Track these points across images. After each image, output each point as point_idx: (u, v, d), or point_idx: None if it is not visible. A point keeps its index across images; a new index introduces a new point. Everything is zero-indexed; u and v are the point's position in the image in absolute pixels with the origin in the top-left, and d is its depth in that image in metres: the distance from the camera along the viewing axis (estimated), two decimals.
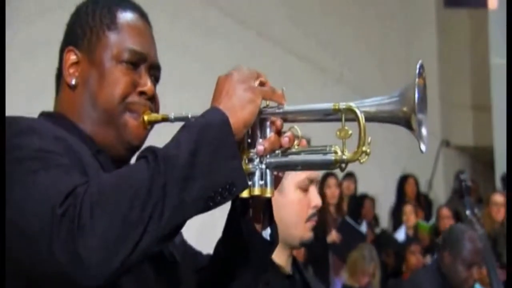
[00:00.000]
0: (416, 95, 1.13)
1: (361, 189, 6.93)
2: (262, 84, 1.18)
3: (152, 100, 1.30)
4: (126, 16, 1.30)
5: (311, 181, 1.95)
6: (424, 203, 7.52)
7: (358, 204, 6.65)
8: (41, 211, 1.02)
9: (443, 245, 3.44)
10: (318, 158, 1.18)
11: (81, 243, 0.99)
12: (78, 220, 1.00)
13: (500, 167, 7.45)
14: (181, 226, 1.08)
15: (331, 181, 5.83)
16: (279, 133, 1.19)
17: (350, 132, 1.14)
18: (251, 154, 1.17)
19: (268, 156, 1.17)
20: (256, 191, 1.17)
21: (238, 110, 1.12)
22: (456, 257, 3.29)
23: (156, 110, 1.31)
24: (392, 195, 7.74)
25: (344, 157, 1.15)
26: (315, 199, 1.94)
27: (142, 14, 1.33)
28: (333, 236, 5.52)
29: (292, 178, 1.92)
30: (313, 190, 1.95)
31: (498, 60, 7.62)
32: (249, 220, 1.25)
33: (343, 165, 1.16)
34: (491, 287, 3.79)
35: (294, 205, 1.92)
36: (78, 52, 1.29)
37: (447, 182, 8.33)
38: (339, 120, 1.16)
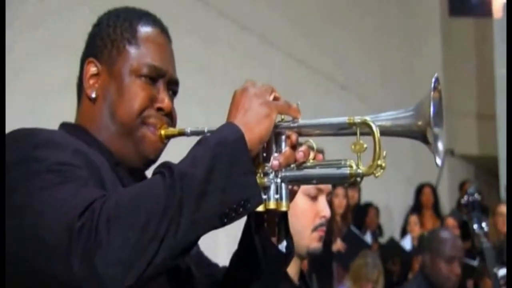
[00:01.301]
0: (432, 109, 1.13)
1: (365, 198, 6.92)
2: (276, 99, 1.19)
3: (169, 116, 1.32)
4: (147, 31, 1.32)
5: (320, 190, 1.94)
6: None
7: (362, 213, 6.64)
8: (59, 225, 1.03)
9: (424, 251, 3.50)
10: (333, 172, 1.18)
11: (98, 258, 1.01)
12: (95, 234, 1.01)
13: (505, 176, 7.42)
14: (196, 241, 1.09)
15: (339, 190, 5.82)
16: (294, 147, 1.19)
17: (365, 146, 1.14)
18: (266, 168, 1.18)
19: (283, 170, 1.18)
20: (272, 205, 1.17)
21: (254, 125, 1.13)
22: (436, 256, 3.34)
23: (173, 124, 1.33)
24: (396, 204, 7.72)
25: (359, 171, 1.15)
26: (324, 209, 1.93)
27: (162, 29, 1.35)
28: (338, 245, 5.51)
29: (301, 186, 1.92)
30: (322, 200, 1.94)
31: (503, 70, 7.60)
32: (264, 233, 1.25)
33: (358, 179, 1.16)
34: None
35: (301, 213, 1.92)
36: (98, 64, 1.31)
37: (451, 191, 8.31)
38: (354, 134, 1.16)
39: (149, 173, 1.25)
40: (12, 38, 4.48)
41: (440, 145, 1.16)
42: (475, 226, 3.90)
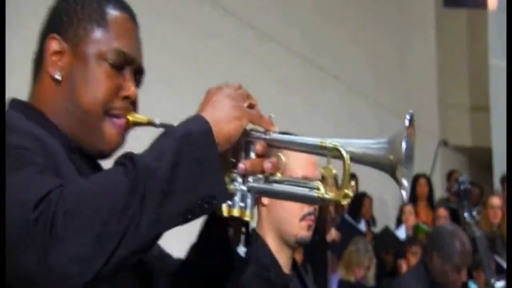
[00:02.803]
0: (404, 146, 1.12)
1: (361, 189, 6.95)
2: (251, 106, 1.15)
3: (134, 105, 1.27)
4: (116, 15, 1.26)
5: (307, 179, 1.94)
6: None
7: (358, 202, 6.67)
8: (14, 215, 0.98)
9: (431, 246, 3.42)
10: (301, 193, 1.17)
11: (54, 254, 0.96)
12: (50, 228, 0.96)
13: (498, 168, 7.48)
14: (159, 238, 1.04)
15: (331, 181, 5.83)
16: (262, 156, 1.17)
17: (334, 171, 1.14)
18: (234, 174, 1.15)
19: (251, 180, 1.16)
20: (236, 212, 1.15)
21: (223, 123, 1.09)
22: (446, 260, 3.26)
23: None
24: (389, 195, 7.76)
25: (327, 196, 1.14)
26: None
27: (132, 15, 1.29)
28: (332, 234, 5.53)
29: (287, 175, 1.91)
30: None
31: (497, 61, 7.65)
32: (225, 234, 1.23)
33: (324, 203, 1.16)
34: None
35: (288, 202, 1.89)
36: (62, 42, 1.23)
37: (444, 182, 8.36)
38: (326, 155, 1.15)
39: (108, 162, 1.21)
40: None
41: (406, 183, 1.16)
42: (466, 215, 3.92)
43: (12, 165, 1.02)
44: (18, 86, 1.33)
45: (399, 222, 6.92)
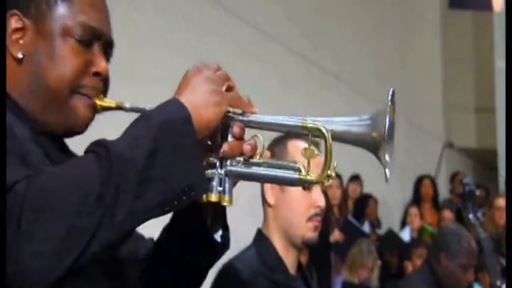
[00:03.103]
0: (387, 122, 1.10)
1: (366, 190, 6.93)
2: (230, 88, 1.12)
3: (105, 82, 1.19)
4: None
5: None
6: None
7: (362, 204, 6.64)
8: None
9: (437, 246, 3.42)
10: (281, 175, 1.14)
11: (21, 249, 0.91)
12: (18, 223, 0.91)
13: (503, 169, 7.44)
14: (133, 230, 1.00)
15: (333, 181, 5.81)
16: (240, 139, 1.12)
17: (316, 152, 1.10)
18: (211, 158, 1.12)
19: (229, 163, 1.12)
20: (213, 198, 1.11)
21: (202, 109, 1.05)
22: (453, 260, 3.27)
23: (106, 91, 1.20)
24: (393, 196, 7.73)
25: (309, 177, 1.11)
26: (319, 199, 1.93)
27: None
28: (336, 235, 5.52)
29: None
30: (317, 190, 1.94)
31: (502, 63, 7.61)
32: (200, 217, 1.18)
33: (306, 185, 1.13)
34: None
35: (295, 203, 1.92)
36: (24, 18, 1.14)
37: (449, 183, 8.33)
38: (307, 135, 1.11)
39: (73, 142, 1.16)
40: None
41: (389, 160, 1.14)
42: (471, 216, 3.91)
43: None
44: None
45: (403, 224, 6.89)
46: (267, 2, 6.82)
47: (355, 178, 6.71)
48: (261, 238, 1.95)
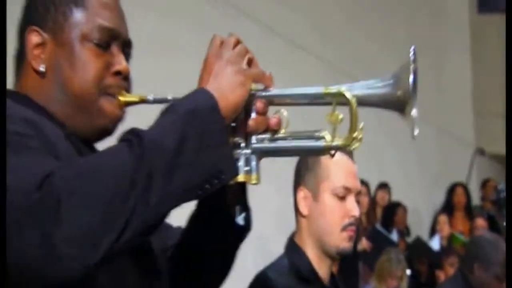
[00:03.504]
0: (411, 79, 1.09)
1: (394, 198, 6.88)
2: (250, 61, 1.12)
3: (127, 80, 1.21)
4: None
5: (348, 189, 1.93)
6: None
7: (391, 212, 6.59)
8: (13, 199, 0.93)
9: (471, 256, 3.36)
10: (307, 144, 1.13)
11: (58, 236, 0.91)
12: (55, 210, 0.92)
13: None
14: (167, 215, 1.01)
15: (361, 189, 5.79)
16: (264, 114, 1.13)
17: (340, 116, 1.09)
18: (236, 138, 1.12)
19: (254, 141, 1.12)
20: (241, 178, 1.11)
21: (228, 93, 1.06)
22: (488, 270, 3.22)
23: (130, 89, 1.22)
24: (423, 204, 7.65)
25: (334, 143, 1.11)
26: (353, 209, 1.92)
27: None
28: (363, 244, 5.49)
29: (327, 185, 1.92)
30: (351, 199, 1.93)
31: None
32: (223, 201, 1.19)
33: (333, 152, 1.12)
34: None
35: (329, 212, 1.91)
36: (42, 33, 1.18)
37: (480, 190, 8.22)
38: (330, 104, 1.10)
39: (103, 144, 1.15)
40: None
41: (415, 114, 1.11)
42: (505, 224, 3.85)
43: (8, 151, 0.97)
44: None
45: (433, 232, 6.81)
46: (295, 11, 6.80)
47: (384, 186, 6.68)
48: (294, 247, 1.94)
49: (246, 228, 1.23)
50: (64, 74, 1.16)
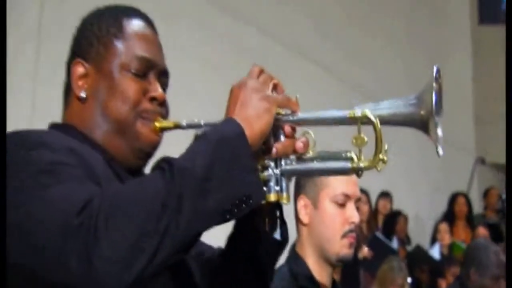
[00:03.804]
0: (434, 98, 1.12)
1: (396, 207, 6.89)
2: (275, 87, 1.17)
3: (163, 106, 1.29)
4: (132, 24, 1.29)
5: (347, 196, 1.95)
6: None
7: (392, 221, 6.60)
8: (56, 223, 1.01)
9: (467, 263, 3.43)
10: (334, 165, 1.18)
11: (96, 255, 0.98)
12: (94, 231, 0.99)
13: None
14: (198, 237, 1.07)
15: (361, 197, 5.81)
16: (291, 138, 1.18)
17: (366, 140, 1.13)
18: (266, 161, 1.17)
19: (283, 162, 1.17)
20: (272, 197, 1.16)
21: (254, 121, 1.11)
22: (483, 274, 3.28)
23: (167, 116, 1.30)
24: (425, 213, 7.66)
25: (361, 164, 1.14)
26: (353, 216, 1.94)
27: (148, 22, 1.33)
28: (364, 252, 5.50)
29: (327, 193, 1.94)
30: (351, 206, 1.95)
31: None
32: (259, 219, 1.24)
33: (360, 172, 1.15)
34: None
35: (329, 219, 1.93)
36: (86, 64, 1.28)
37: (482, 199, 8.23)
38: (355, 124, 1.14)
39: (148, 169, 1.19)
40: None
41: (440, 134, 1.14)
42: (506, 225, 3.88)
43: (51, 180, 1.05)
44: None
45: (433, 240, 6.82)
46: (290, 11, 6.82)
47: (385, 194, 6.69)
48: (294, 256, 1.96)
49: (283, 242, 1.27)
50: (104, 100, 1.25)
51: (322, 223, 1.94)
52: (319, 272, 1.94)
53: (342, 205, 1.94)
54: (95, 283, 0.98)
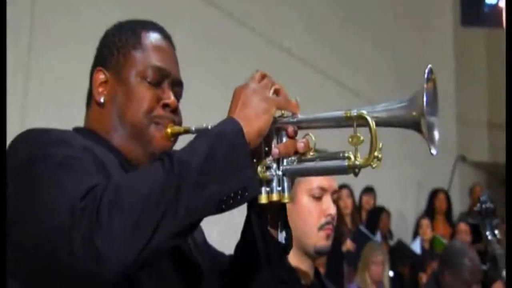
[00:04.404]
0: (425, 99, 1.14)
1: (379, 203, 7.00)
2: (276, 91, 1.23)
3: (175, 113, 1.37)
4: (150, 36, 1.38)
5: (323, 189, 1.98)
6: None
7: (375, 217, 6.67)
8: (61, 207, 1.07)
9: (442, 264, 3.51)
10: (332, 165, 1.21)
11: (99, 238, 1.03)
12: (96, 216, 1.04)
13: None
14: (196, 225, 1.11)
15: (343, 192, 5.95)
16: (293, 138, 1.24)
17: (362, 138, 1.17)
18: (268, 162, 1.21)
19: (284, 163, 1.22)
20: (275, 197, 1.21)
21: (253, 119, 1.16)
22: (457, 277, 3.37)
23: (179, 123, 1.38)
24: (407, 209, 7.79)
25: (357, 162, 1.18)
26: (329, 208, 1.97)
27: (165, 35, 1.42)
28: (347, 245, 5.61)
29: (303, 186, 1.98)
30: (327, 199, 1.99)
31: None
32: (264, 224, 1.29)
33: (356, 170, 1.19)
34: None
35: (305, 213, 1.96)
36: (106, 72, 1.37)
37: (462, 197, 8.40)
38: (351, 126, 1.19)
39: None
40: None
41: (436, 134, 1.19)
42: (488, 233, 4.00)
43: (63, 171, 1.13)
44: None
45: (415, 235, 6.94)
46: (292, 19, 6.90)
47: (369, 190, 6.77)
48: None
49: (288, 246, 1.33)
50: (121, 105, 1.35)
51: (299, 216, 1.95)
52: (299, 264, 1.97)
53: (318, 198, 1.97)
54: (97, 265, 1.03)
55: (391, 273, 5.88)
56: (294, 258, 1.97)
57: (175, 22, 5.43)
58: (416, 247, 6.57)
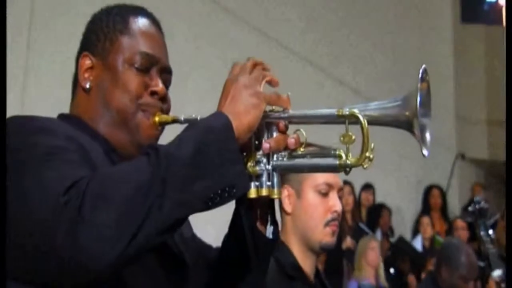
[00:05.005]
0: (418, 100, 1.13)
1: (378, 200, 7.01)
2: (270, 82, 1.20)
3: (164, 101, 1.32)
4: (138, 22, 1.34)
5: (330, 186, 1.98)
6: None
7: (376, 214, 6.68)
8: (45, 200, 1.04)
9: (439, 259, 3.54)
10: (323, 162, 1.19)
11: (81, 233, 1.00)
12: (79, 210, 1.01)
13: None
14: (182, 221, 1.08)
15: (345, 188, 5.95)
16: (284, 133, 1.21)
17: (353, 137, 1.15)
18: (258, 156, 1.19)
19: (275, 158, 1.19)
20: (264, 192, 1.19)
21: (242, 114, 1.13)
22: (453, 273, 3.40)
23: (167, 111, 1.33)
24: (407, 206, 7.81)
25: (348, 162, 1.16)
26: (336, 204, 1.97)
27: (153, 21, 1.37)
28: (347, 242, 5.61)
29: (310, 182, 1.98)
30: (334, 196, 1.99)
31: None
32: (253, 219, 1.27)
33: (347, 169, 1.17)
34: None
35: (311, 208, 1.97)
36: (92, 57, 1.32)
37: (461, 194, 8.41)
38: (343, 123, 1.16)
39: None
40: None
41: (428, 136, 1.17)
42: (482, 233, 4.02)
43: (48, 162, 1.09)
44: None
45: (415, 233, 6.94)
46: (289, 14, 6.90)
47: (368, 187, 6.77)
48: (279, 245, 1.95)
49: (275, 241, 1.30)
50: (107, 91, 1.30)
51: (305, 212, 1.96)
52: (303, 260, 1.97)
53: (325, 195, 1.96)
54: (79, 260, 1.01)
55: (391, 270, 5.89)
56: (299, 254, 1.97)
57: (175, 22, 5.49)
58: (418, 245, 6.56)
